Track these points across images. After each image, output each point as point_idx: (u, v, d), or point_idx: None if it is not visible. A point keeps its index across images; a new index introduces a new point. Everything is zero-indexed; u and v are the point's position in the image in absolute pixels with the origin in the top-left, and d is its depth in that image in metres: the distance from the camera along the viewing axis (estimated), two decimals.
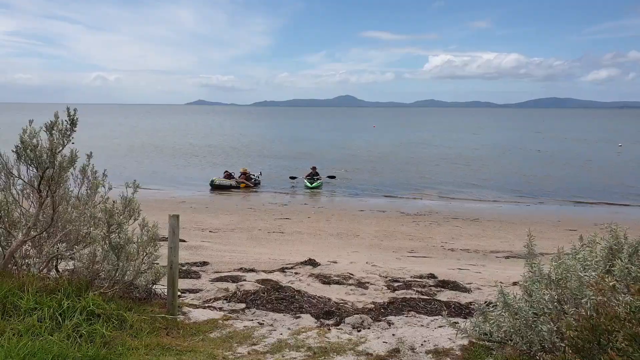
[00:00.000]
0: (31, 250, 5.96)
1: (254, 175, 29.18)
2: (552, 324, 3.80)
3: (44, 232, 5.82)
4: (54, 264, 5.99)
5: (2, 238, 5.73)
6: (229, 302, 6.78)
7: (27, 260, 5.82)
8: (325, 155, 45.24)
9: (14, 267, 5.67)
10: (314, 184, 27.25)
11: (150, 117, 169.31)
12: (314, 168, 28.74)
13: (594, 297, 3.56)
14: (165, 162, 40.63)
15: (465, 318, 6.10)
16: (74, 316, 4.88)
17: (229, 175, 28.08)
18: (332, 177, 29.25)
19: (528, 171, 36.19)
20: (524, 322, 3.93)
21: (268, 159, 42.88)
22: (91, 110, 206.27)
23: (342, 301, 7.22)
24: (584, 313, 3.45)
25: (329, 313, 6.38)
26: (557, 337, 3.76)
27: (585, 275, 3.84)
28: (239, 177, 28.05)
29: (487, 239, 15.65)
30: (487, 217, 20.19)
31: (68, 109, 5.50)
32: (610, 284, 3.44)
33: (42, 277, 5.56)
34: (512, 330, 4.05)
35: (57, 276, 5.70)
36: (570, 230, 17.20)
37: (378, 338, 5.44)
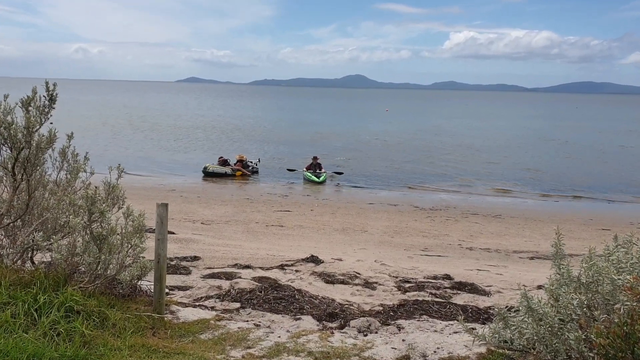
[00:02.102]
0: (4, 239, 5.99)
1: (251, 162, 29.19)
2: (580, 331, 3.81)
3: (19, 220, 5.85)
4: (30, 255, 6.03)
5: None
6: (222, 300, 6.82)
7: None
8: (331, 141, 45.22)
9: None
10: (321, 178, 26.58)
11: (137, 94, 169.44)
12: (315, 158, 28.00)
13: (628, 303, 3.55)
14: (153, 145, 40.72)
15: (484, 324, 6.11)
16: (51, 312, 4.92)
17: (224, 162, 28.09)
18: (340, 173, 28.35)
19: (557, 164, 36.10)
20: (549, 329, 3.94)
21: (267, 144, 42.89)
22: (71, 86, 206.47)
23: (347, 302, 7.24)
24: (616, 320, 3.46)
25: (333, 315, 6.41)
26: (585, 346, 3.77)
27: (619, 279, 3.83)
28: (235, 164, 28.07)
29: (510, 238, 15.65)
30: (511, 213, 20.17)
31: (47, 83, 5.50)
32: None
33: (16, 269, 5.60)
34: (535, 337, 4.06)
35: (33, 269, 5.74)
36: (603, 230, 17.19)
37: (386, 344, 5.46)
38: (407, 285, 8.46)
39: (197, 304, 6.66)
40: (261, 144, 43.21)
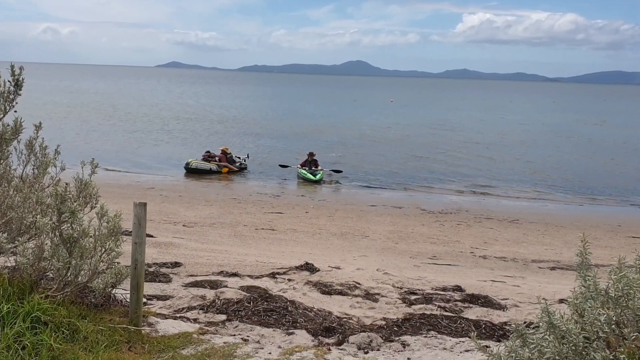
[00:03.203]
0: None
1: (239, 157, 29.16)
2: (608, 351, 3.82)
3: None
4: None
5: None
6: (206, 312, 6.82)
7: None
8: (328, 135, 45.25)
9: None
10: (318, 176, 26.52)
11: (113, 80, 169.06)
12: (311, 154, 27.86)
13: None
14: (130, 138, 40.66)
15: (499, 341, 6.14)
16: (15, 323, 4.92)
17: (209, 157, 28.02)
18: (339, 171, 28.07)
19: (582, 163, 36.20)
20: (573, 347, 3.95)
21: (257, 138, 42.89)
22: (39, 71, 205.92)
23: (345, 316, 7.26)
24: None
25: (330, 329, 6.42)
26: None
27: None
28: (218, 157, 27.91)
29: (529, 245, 15.69)
30: (529, 218, 20.23)
31: (12, 67, 5.49)
32: None
33: None
34: (557, 357, 4.07)
35: None
36: (633, 237, 17.26)
37: None
38: (413, 297, 8.48)
39: (178, 315, 6.66)
40: (250, 137, 43.18)
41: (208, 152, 28.54)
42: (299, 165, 27.70)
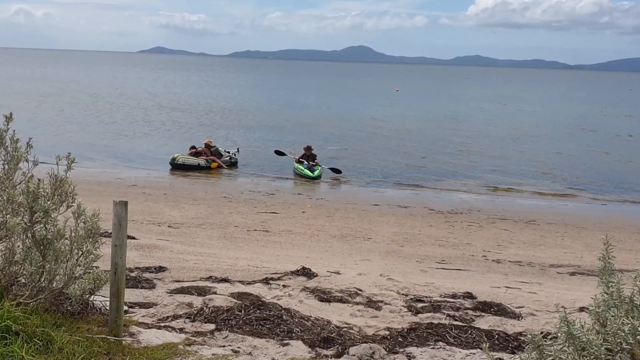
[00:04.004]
0: None
1: (228, 152, 29.12)
2: None
3: None
4: None
5: None
6: (193, 321, 6.83)
7: None
8: (327, 128, 45.24)
9: None
10: (316, 173, 26.41)
11: (90, 67, 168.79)
12: (308, 148, 27.77)
13: None
14: (109, 129, 40.63)
15: (513, 353, 6.15)
16: None
17: (196, 152, 27.97)
18: (338, 171, 27.59)
19: (605, 159, 36.22)
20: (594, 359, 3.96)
21: (249, 130, 42.88)
22: (10, 56, 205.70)
23: (345, 325, 7.27)
24: None
25: (328, 340, 6.43)
26: None
27: None
28: (202, 152, 27.81)
29: (546, 249, 15.71)
30: (547, 218, 20.24)
31: None
32: None
33: None
34: None
35: None
36: None
37: None
38: (420, 305, 8.49)
39: (162, 324, 6.67)
40: (241, 129, 43.16)
41: (193, 147, 28.38)
42: (295, 160, 27.54)
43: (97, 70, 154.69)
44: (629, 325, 3.98)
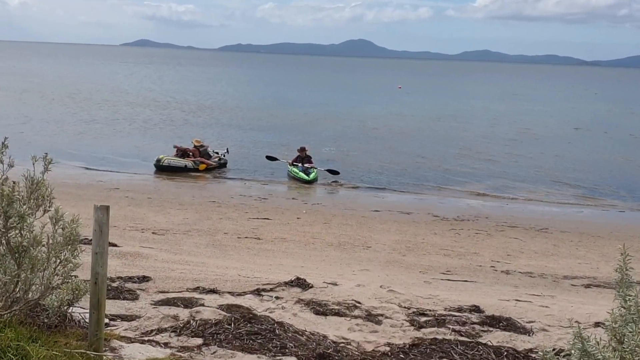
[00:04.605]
0: None
1: (217, 152, 29.10)
2: None
3: None
4: None
5: None
6: (178, 335, 6.83)
7: None
8: (324, 127, 45.27)
9: None
10: (311, 176, 26.48)
11: (69, 61, 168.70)
12: (303, 149, 27.77)
13: None
14: (89, 128, 40.65)
15: None
16: None
17: (184, 153, 27.90)
18: (335, 172, 27.69)
19: (623, 163, 36.28)
20: None
21: (239, 130, 42.93)
22: None
23: (343, 340, 7.28)
24: None
25: (324, 356, 6.44)
26: None
27: None
28: (190, 152, 27.76)
29: (560, 259, 15.74)
30: (561, 226, 20.27)
31: None
32: None
33: None
34: None
35: None
36: None
37: None
38: (423, 319, 8.49)
39: (146, 338, 6.67)
40: (231, 128, 43.22)
41: (178, 146, 28.19)
42: (289, 162, 27.57)
43: (76, 64, 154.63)
44: None
